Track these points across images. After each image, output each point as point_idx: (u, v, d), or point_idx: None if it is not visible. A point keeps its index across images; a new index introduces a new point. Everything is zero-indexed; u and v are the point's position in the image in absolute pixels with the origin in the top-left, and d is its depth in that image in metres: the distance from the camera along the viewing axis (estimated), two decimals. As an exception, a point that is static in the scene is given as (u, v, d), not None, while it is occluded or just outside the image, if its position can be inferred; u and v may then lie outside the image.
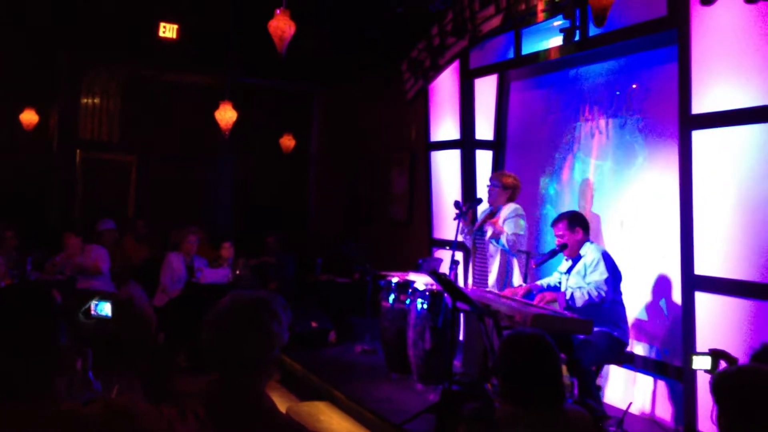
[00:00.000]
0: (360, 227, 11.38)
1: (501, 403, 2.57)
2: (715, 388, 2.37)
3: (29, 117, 11.03)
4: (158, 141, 12.07)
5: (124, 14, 10.63)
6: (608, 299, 5.42)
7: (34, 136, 11.21)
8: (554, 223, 5.78)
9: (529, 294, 5.78)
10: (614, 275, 5.51)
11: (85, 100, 11.91)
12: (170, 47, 11.07)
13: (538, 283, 6.02)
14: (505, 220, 6.21)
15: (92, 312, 2.65)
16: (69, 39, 10.79)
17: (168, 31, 11.11)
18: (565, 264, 5.80)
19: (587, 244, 5.68)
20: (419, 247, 9.19)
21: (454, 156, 8.33)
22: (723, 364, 3.71)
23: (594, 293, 5.38)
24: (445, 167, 8.53)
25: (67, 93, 11.64)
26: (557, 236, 5.72)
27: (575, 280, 5.61)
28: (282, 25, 6.60)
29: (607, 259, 5.53)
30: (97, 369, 2.79)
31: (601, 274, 5.45)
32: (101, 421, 1.89)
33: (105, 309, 2.63)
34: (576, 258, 5.67)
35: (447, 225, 8.36)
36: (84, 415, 1.89)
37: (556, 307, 5.45)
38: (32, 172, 11.30)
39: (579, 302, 5.39)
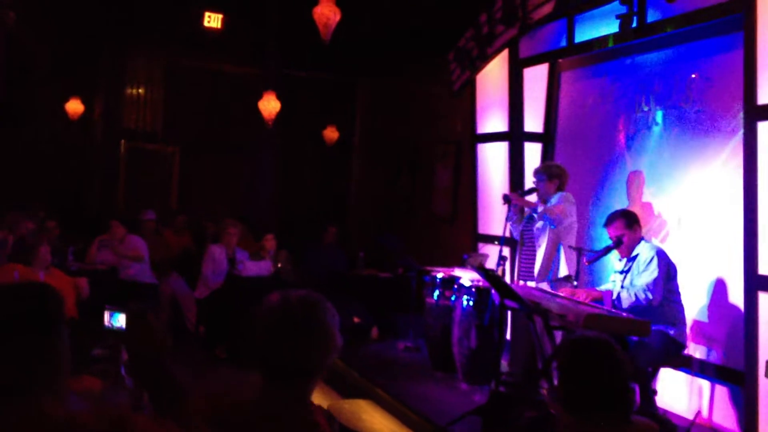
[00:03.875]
0: (402, 221, 11.20)
1: (561, 413, 2.35)
2: None
3: (75, 106, 11.06)
4: (201, 131, 12.03)
5: (169, 4, 10.59)
6: (657, 300, 5.12)
7: (79, 126, 11.24)
8: (608, 222, 5.47)
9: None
10: (667, 273, 5.20)
11: (130, 90, 11.91)
12: (214, 37, 11.01)
13: (602, 288, 5.67)
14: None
15: (106, 323, 2.48)
16: (113, 28, 10.79)
17: (213, 20, 11.06)
18: (620, 264, 5.52)
19: (642, 243, 5.40)
20: (464, 242, 8.96)
21: (501, 149, 8.08)
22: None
23: (641, 295, 5.09)
24: (492, 160, 8.29)
25: (111, 82, 11.66)
26: (614, 237, 5.41)
27: (631, 279, 5.32)
28: (327, 12, 6.49)
29: (661, 256, 5.23)
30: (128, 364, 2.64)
31: (651, 273, 5.14)
32: (92, 429, 1.74)
33: (120, 320, 2.46)
34: (632, 257, 5.38)
35: (493, 220, 8.13)
36: (73, 421, 1.74)
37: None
38: (76, 161, 11.33)
39: (625, 303, 5.12)
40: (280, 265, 8.70)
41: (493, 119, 8.25)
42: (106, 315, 2.44)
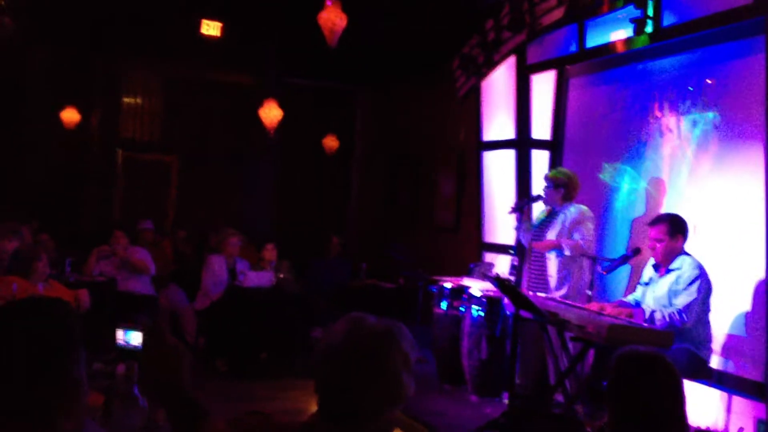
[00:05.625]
0: (404, 231, 11.04)
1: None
2: None
3: (70, 115, 10.86)
4: (199, 141, 11.86)
5: (166, 12, 10.42)
6: (690, 323, 4.93)
7: (75, 135, 11.05)
8: (653, 223, 5.23)
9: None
10: (705, 296, 5.02)
11: (126, 99, 11.73)
12: (213, 45, 10.84)
13: (629, 299, 5.46)
14: (570, 229, 5.81)
15: (119, 341, 2.32)
16: (110, 37, 10.61)
17: (211, 28, 10.88)
18: (650, 272, 5.33)
19: (683, 257, 5.14)
20: (468, 251, 8.81)
21: (508, 156, 7.94)
22: None
23: (676, 317, 4.90)
24: (498, 168, 8.15)
25: (108, 92, 11.47)
26: (653, 239, 5.16)
27: (663, 290, 5.09)
28: (333, 17, 6.35)
29: (703, 277, 5.02)
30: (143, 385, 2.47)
31: (690, 294, 4.94)
32: None
33: (134, 338, 2.29)
34: (668, 269, 5.15)
35: (500, 229, 7.99)
36: None
37: None
38: (72, 171, 11.13)
39: (658, 324, 4.90)
40: (281, 276, 8.51)
41: (499, 126, 8.11)
42: (119, 333, 2.28)
